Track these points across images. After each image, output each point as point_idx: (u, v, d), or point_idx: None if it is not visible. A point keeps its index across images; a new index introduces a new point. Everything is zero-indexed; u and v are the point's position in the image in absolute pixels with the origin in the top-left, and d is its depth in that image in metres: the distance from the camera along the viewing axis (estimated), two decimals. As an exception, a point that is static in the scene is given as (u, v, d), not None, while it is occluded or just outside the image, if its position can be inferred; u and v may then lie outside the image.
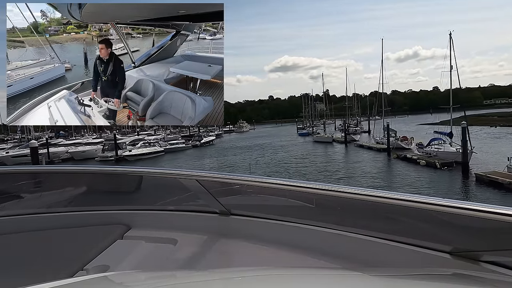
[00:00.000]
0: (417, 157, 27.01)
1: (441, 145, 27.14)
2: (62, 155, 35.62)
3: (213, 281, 0.88)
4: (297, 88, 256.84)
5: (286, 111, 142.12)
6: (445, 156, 25.17)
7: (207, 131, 66.87)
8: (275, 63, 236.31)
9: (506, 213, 0.88)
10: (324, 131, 55.35)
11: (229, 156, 38.62)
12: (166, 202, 2.01)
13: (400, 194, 1.08)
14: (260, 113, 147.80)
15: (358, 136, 47.67)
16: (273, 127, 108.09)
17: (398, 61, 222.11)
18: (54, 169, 2.25)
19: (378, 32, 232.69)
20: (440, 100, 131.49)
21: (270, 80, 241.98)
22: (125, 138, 42.02)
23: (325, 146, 43.23)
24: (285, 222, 1.58)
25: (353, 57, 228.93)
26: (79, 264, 1.49)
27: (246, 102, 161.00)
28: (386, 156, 31.17)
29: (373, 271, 1.11)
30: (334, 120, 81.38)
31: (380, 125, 40.70)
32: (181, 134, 63.24)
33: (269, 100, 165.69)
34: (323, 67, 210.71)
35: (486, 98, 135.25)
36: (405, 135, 36.40)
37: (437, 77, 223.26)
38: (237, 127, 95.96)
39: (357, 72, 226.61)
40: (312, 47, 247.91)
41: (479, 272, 1.06)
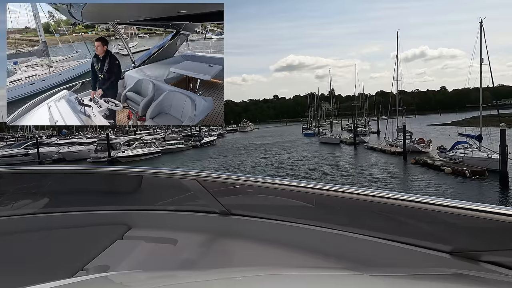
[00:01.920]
0: (440, 163, 22.98)
1: (468, 150, 23.14)
2: (53, 156, 34.14)
3: (213, 281, 0.87)
4: (303, 87, 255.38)
5: (291, 110, 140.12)
6: (474, 163, 21.18)
7: (209, 131, 64.54)
8: (280, 62, 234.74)
9: (506, 213, 0.88)
10: (331, 131, 51.35)
11: (229, 157, 36.76)
12: (166, 202, 2.00)
13: (400, 194, 1.08)
14: (265, 112, 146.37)
15: (367, 137, 43.90)
16: (278, 127, 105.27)
17: (405, 60, 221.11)
18: (54, 169, 2.25)
19: (384, 31, 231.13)
20: (448, 100, 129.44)
21: (275, 79, 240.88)
22: (120, 138, 38.64)
23: (332, 148, 39.84)
24: (285, 222, 1.58)
25: (359, 56, 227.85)
26: (79, 264, 1.49)
27: (250, 101, 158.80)
28: (402, 161, 27.48)
29: (373, 271, 1.11)
30: (340, 120, 78.05)
31: (392, 126, 36.90)
32: (182, 134, 60.92)
33: (274, 99, 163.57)
34: (329, 66, 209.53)
35: (496, 98, 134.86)
36: (421, 137, 32.38)
37: (444, 77, 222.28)
38: (241, 127, 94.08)
39: (363, 72, 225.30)
40: (318, 46, 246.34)
41: (479, 272, 1.06)
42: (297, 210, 1.64)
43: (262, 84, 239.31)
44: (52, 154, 34.43)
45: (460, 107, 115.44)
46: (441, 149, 26.56)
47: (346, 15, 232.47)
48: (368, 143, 39.60)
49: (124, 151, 33.87)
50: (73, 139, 47.38)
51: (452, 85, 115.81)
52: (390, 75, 41.05)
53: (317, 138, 51.89)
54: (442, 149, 26.34)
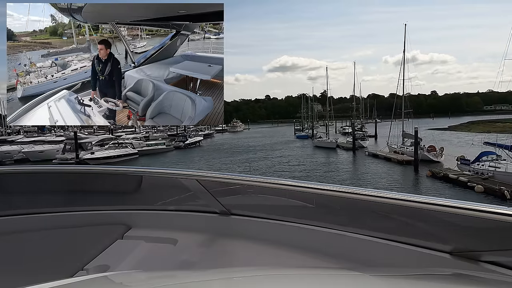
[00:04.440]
0: (467, 179, 18.18)
1: (498, 163, 18.77)
2: (16, 155, 30.65)
3: (213, 281, 0.87)
4: (295, 88, 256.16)
5: (283, 111, 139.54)
6: (509, 179, 17.08)
7: (196, 130, 60.18)
8: (274, 62, 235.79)
9: (506, 213, 0.88)
10: (326, 134, 46.58)
11: (214, 160, 33.50)
12: (166, 202, 2.00)
13: (400, 194, 1.08)
14: (256, 112, 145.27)
15: (366, 142, 39.80)
16: (269, 127, 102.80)
17: (396, 64, 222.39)
18: (54, 169, 2.25)
19: (377, 35, 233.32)
20: (440, 104, 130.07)
21: (268, 80, 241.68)
22: (92, 137, 34.10)
23: (328, 153, 35.80)
24: (285, 222, 1.58)
25: (352, 59, 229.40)
26: (79, 264, 1.49)
27: (242, 101, 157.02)
28: (413, 172, 23.24)
29: (373, 271, 1.11)
30: (334, 121, 73.16)
31: (397, 129, 32.51)
32: (167, 133, 55.95)
33: (266, 100, 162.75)
34: (322, 68, 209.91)
35: (485, 104, 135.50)
36: (432, 144, 27.53)
37: (434, 82, 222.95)
38: (231, 127, 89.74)
39: (356, 74, 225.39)
40: (312, 47, 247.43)
41: (479, 272, 1.06)
42: (297, 210, 1.64)
43: (255, 84, 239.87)
44: (14, 154, 31.04)
45: (452, 111, 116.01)
46: (462, 160, 21.46)
47: (341, 17, 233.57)
48: (367, 148, 36.15)
49: (94, 152, 30.25)
50: (41, 136, 42.29)
51: (443, 90, 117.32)
52: (382, 78, 39.61)
53: (311, 141, 48.16)
54: (464, 160, 21.30)
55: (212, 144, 52.09)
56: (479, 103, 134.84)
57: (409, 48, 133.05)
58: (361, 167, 26.86)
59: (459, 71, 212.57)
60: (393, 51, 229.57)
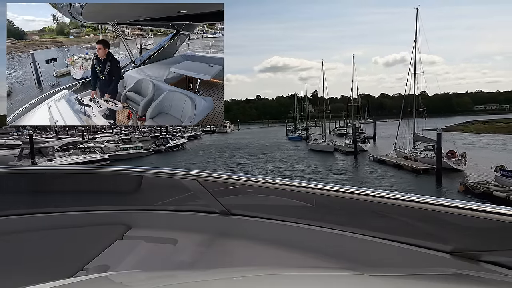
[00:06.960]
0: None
1: None
2: None
3: (213, 281, 0.87)
4: (286, 89, 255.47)
5: (274, 111, 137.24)
6: None
7: (182, 132, 54.41)
8: (265, 63, 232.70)
9: (506, 213, 0.88)
10: (323, 136, 42.91)
11: (195, 165, 30.14)
12: (166, 202, 2.00)
13: (400, 194, 1.08)
14: (247, 112, 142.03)
15: (367, 145, 35.45)
16: (260, 128, 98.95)
17: (386, 65, 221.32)
18: (54, 169, 2.25)
19: (368, 36, 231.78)
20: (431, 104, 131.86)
21: (259, 80, 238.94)
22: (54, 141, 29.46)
23: (325, 158, 31.13)
24: (285, 222, 1.58)
25: (343, 59, 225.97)
26: (79, 264, 1.49)
27: (232, 101, 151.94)
28: (434, 184, 19.13)
29: (373, 271, 1.11)
30: (328, 122, 68.17)
31: (405, 130, 28.00)
32: (150, 135, 51.20)
33: (257, 100, 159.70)
34: (313, 69, 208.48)
35: (475, 104, 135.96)
36: (452, 150, 22.74)
37: (423, 82, 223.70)
38: (219, 127, 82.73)
39: (346, 75, 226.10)
40: (303, 48, 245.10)
41: (479, 272, 1.06)
42: (297, 210, 1.64)
43: (245, 84, 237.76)
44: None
45: (444, 111, 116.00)
46: (503, 172, 16.82)
47: (336, 18, 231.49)
48: (369, 152, 32.33)
49: (52, 159, 25.90)
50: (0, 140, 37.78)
51: (432, 90, 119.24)
52: (371, 79, 37.28)
53: (305, 143, 43.94)
54: (505, 171, 16.75)
55: (198, 147, 47.14)
56: (469, 103, 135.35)
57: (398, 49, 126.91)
58: (366, 175, 23.17)
59: (447, 72, 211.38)
60: (382, 52, 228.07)
